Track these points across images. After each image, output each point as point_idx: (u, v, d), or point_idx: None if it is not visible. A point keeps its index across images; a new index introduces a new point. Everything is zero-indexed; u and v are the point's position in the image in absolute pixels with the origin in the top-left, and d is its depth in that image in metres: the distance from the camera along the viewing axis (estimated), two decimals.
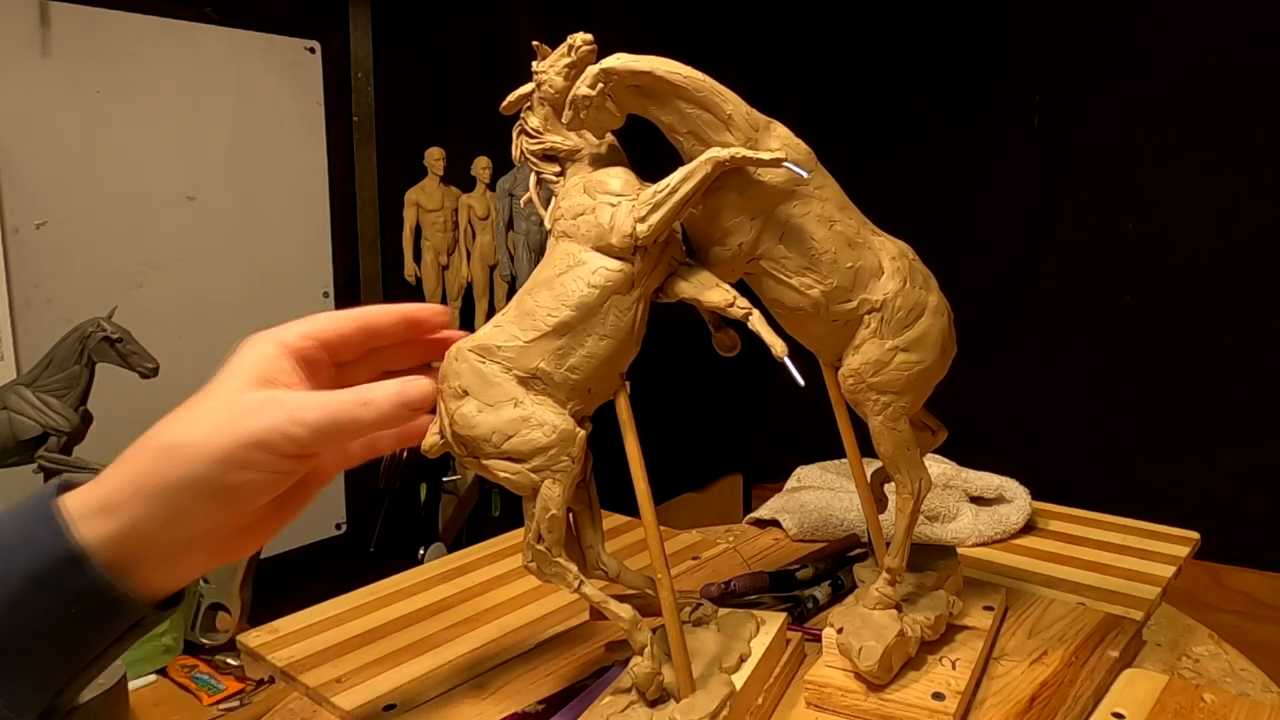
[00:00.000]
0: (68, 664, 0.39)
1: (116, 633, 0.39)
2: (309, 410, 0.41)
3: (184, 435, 0.40)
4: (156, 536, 0.39)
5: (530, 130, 0.52)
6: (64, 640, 0.38)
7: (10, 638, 0.36)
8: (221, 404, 0.41)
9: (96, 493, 0.39)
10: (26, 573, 0.36)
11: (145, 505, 0.39)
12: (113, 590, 0.38)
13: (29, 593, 0.36)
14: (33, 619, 0.37)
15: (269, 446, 0.40)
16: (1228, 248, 1.55)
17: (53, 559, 0.37)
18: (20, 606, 0.36)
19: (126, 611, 0.39)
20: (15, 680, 0.37)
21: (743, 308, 0.49)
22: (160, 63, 1.18)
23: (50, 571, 0.37)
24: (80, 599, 0.37)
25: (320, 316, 0.47)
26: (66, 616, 0.37)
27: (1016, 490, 0.90)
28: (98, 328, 0.95)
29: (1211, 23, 1.53)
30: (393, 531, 1.40)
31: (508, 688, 0.61)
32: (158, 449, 0.40)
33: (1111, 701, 0.56)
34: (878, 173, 1.58)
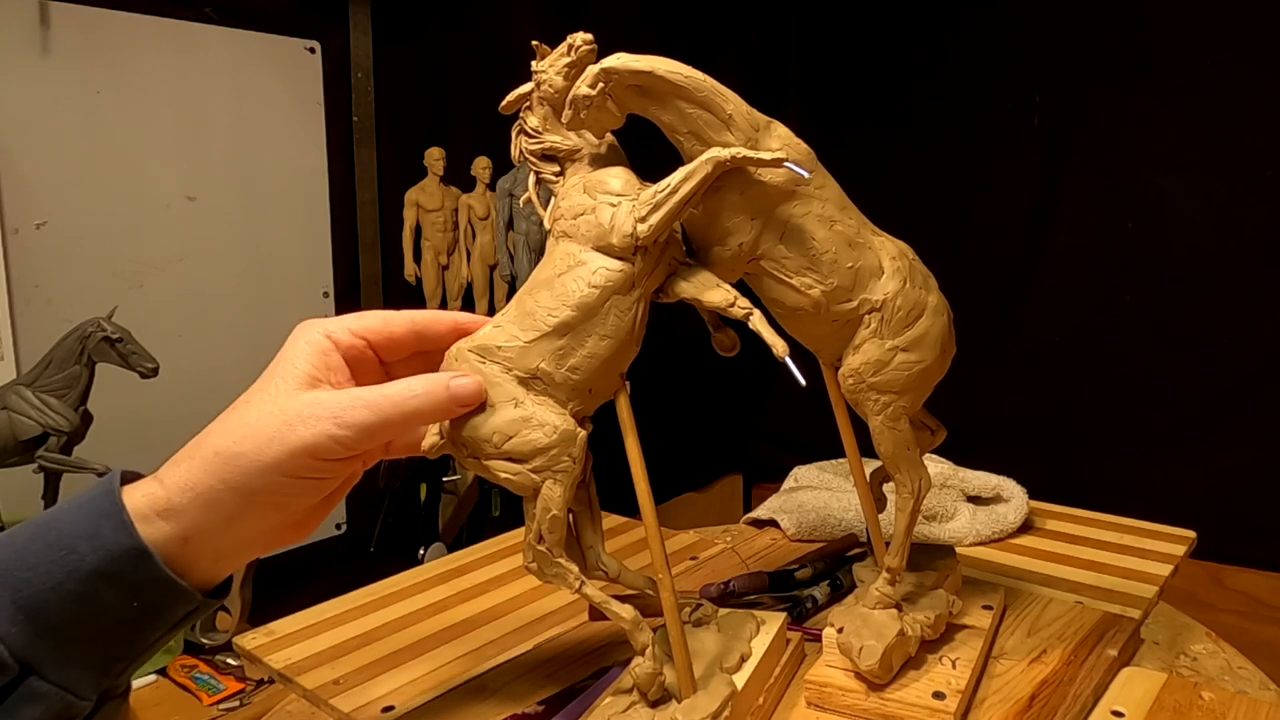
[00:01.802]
0: (126, 652, 0.40)
1: (173, 621, 0.41)
2: (356, 412, 0.42)
3: (239, 446, 0.41)
4: (213, 539, 0.41)
5: (529, 130, 0.52)
6: (125, 630, 0.39)
7: (75, 628, 0.38)
8: (274, 410, 0.42)
9: (159, 494, 0.40)
10: (93, 567, 0.38)
11: (204, 511, 0.40)
12: (174, 585, 0.39)
13: (95, 586, 0.38)
14: (97, 611, 0.38)
15: (320, 453, 0.41)
16: (1228, 248, 1.55)
17: (119, 555, 0.38)
18: (86, 599, 0.38)
19: (184, 603, 0.40)
20: (79, 666, 0.38)
21: (743, 308, 0.49)
22: (160, 63, 1.18)
23: (116, 567, 0.38)
24: (143, 593, 0.39)
25: (374, 316, 0.48)
26: (129, 609, 0.39)
27: (1014, 490, 0.90)
28: (98, 328, 0.95)
29: (1212, 23, 1.53)
30: (393, 531, 1.41)
31: (507, 688, 0.61)
32: (214, 457, 0.41)
33: (1111, 700, 0.56)
34: (878, 173, 1.58)
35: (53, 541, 0.38)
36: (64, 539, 0.38)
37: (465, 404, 0.46)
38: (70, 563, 0.38)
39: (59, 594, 0.37)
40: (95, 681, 0.39)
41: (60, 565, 0.37)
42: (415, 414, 0.44)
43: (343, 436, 0.41)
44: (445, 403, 0.45)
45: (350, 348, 0.47)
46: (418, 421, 0.45)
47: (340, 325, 0.47)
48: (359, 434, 0.42)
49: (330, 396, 0.43)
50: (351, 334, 0.47)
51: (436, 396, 0.44)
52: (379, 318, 0.48)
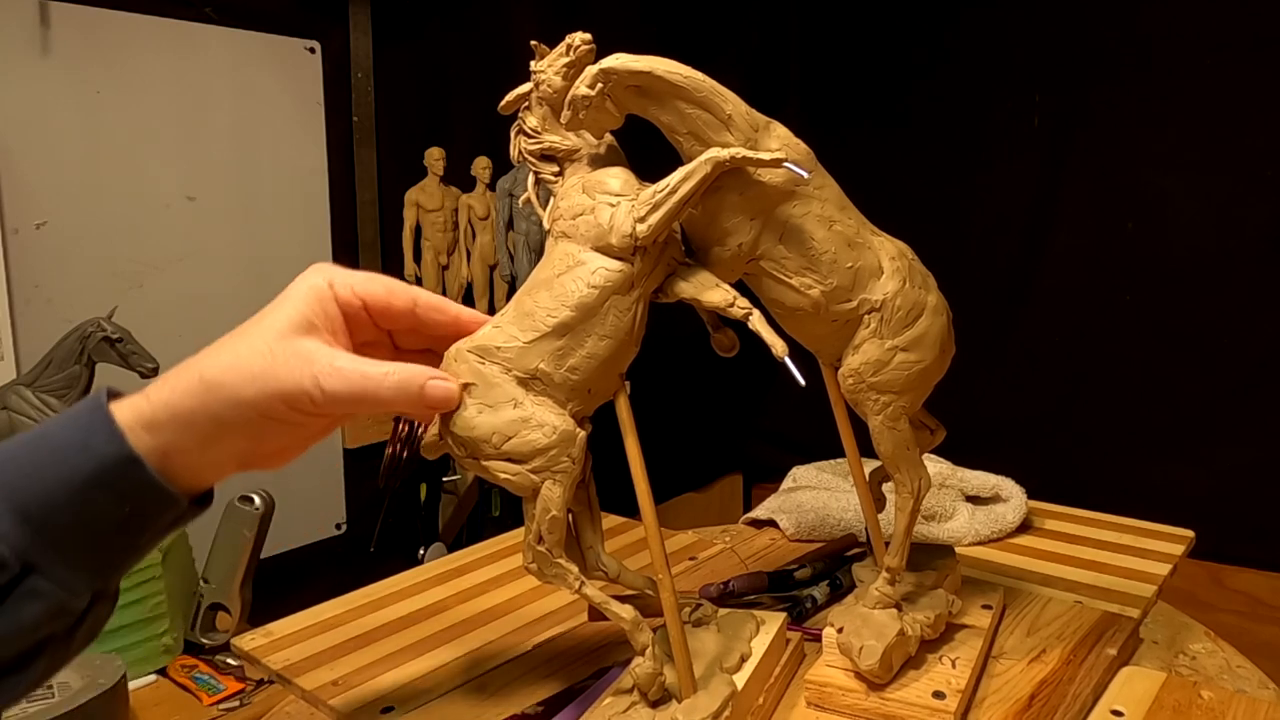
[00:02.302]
0: (118, 554, 0.43)
1: (161, 526, 0.43)
2: (334, 379, 0.44)
3: (223, 376, 0.43)
4: (188, 457, 0.43)
5: (528, 130, 0.52)
6: (117, 533, 0.41)
7: (71, 531, 0.40)
8: (263, 347, 0.44)
9: (144, 408, 0.42)
10: (86, 475, 0.40)
11: (181, 431, 0.42)
12: (163, 490, 0.42)
13: (89, 492, 0.40)
14: (91, 515, 0.40)
15: (293, 403, 0.43)
16: (1228, 248, 1.55)
17: (112, 462, 0.40)
18: (80, 504, 0.40)
19: (172, 508, 0.43)
20: (72, 567, 0.40)
21: (743, 308, 0.49)
22: (160, 63, 1.18)
23: (109, 473, 0.40)
24: (134, 498, 0.41)
25: (381, 282, 0.49)
26: (121, 513, 0.41)
27: (1012, 489, 0.90)
28: (98, 328, 0.95)
29: (1212, 23, 1.53)
30: (393, 531, 1.41)
31: (507, 689, 0.60)
32: (198, 382, 0.43)
33: (1110, 699, 0.56)
34: (878, 173, 1.58)
35: (46, 452, 0.40)
36: (57, 450, 0.40)
37: (435, 408, 0.47)
38: (64, 471, 0.40)
39: (54, 500, 0.39)
40: (89, 581, 0.41)
41: (55, 473, 0.40)
42: (384, 403, 0.45)
43: (316, 396, 0.43)
44: (414, 400, 0.46)
45: (347, 304, 0.48)
46: (386, 409, 0.46)
47: (346, 280, 0.48)
48: (329, 400, 0.44)
49: (318, 352, 0.44)
50: (353, 291, 0.48)
51: (408, 392, 0.45)
52: (385, 286, 0.49)
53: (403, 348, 0.53)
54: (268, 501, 0.97)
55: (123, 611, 0.92)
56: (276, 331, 0.44)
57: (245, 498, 0.97)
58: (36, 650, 0.40)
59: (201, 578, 0.99)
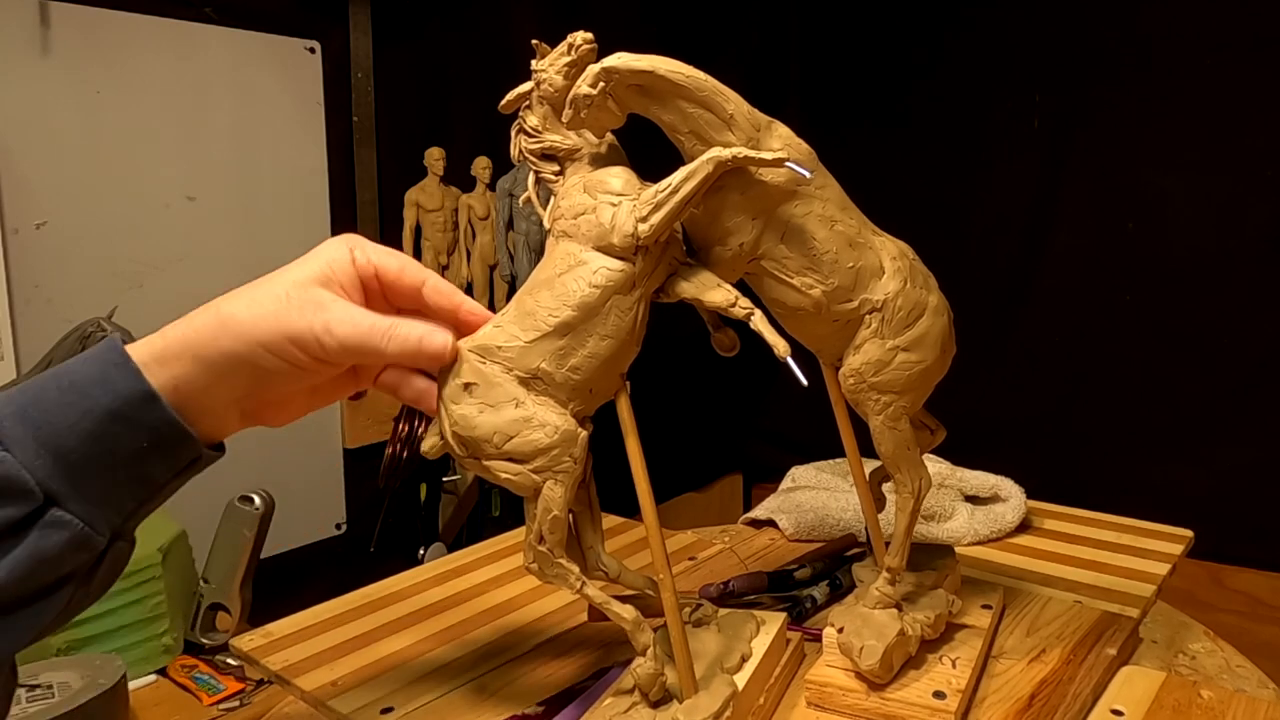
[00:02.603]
0: (136, 492, 0.43)
1: (177, 468, 0.44)
2: (343, 326, 0.46)
3: (239, 312, 0.45)
4: (199, 390, 0.44)
5: (529, 129, 0.52)
6: (136, 469, 0.43)
7: (92, 464, 0.41)
8: (281, 291, 0.46)
9: (158, 344, 0.44)
10: (106, 408, 0.41)
11: (193, 364, 0.44)
12: (179, 426, 0.43)
13: (108, 426, 0.41)
14: (111, 449, 0.41)
15: (301, 345, 0.45)
16: (1228, 248, 1.55)
17: (129, 397, 0.42)
18: (100, 438, 0.41)
19: (188, 447, 0.44)
20: (95, 503, 0.42)
21: (744, 308, 0.49)
22: (160, 63, 1.18)
23: (128, 407, 0.42)
24: (152, 433, 0.42)
25: (397, 258, 0.51)
26: (139, 448, 0.42)
27: (1011, 489, 0.90)
28: (98, 328, 0.95)
29: (1212, 23, 1.53)
30: (393, 531, 1.41)
31: (507, 689, 0.61)
32: (215, 316, 0.45)
33: (1110, 698, 0.56)
34: (878, 173, 1.58)
35: (66, 388, 0.41)
36: (77, 385, 0.41)
37: (432, 357, 0.48)
38: (85, 405, 0.41)
39: (76, 433, 0.41)
40: (109, 519, 0.42)
41: (76, 408, 0.41)
42: (387, 353, 0.47)
43: (324, 340, 0.45)
44: (413, 353, 0.48)
45: (363, 270, 0.49)
46: (388, 359, 0.48)
47: (366, 251, 0.50)
48: (336, 345, 0.45)
49: (332, 301, 0.47)
50: (369, 260, 0.50)
51: (407, 345, 0.47)
52: (399, 261, 0.51)
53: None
54: (268, 501, 0.97)
55: (123, 611, 0.92)
56: (295, 280, 0.47)
57: (245, 498, 0.97)
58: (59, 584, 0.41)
59: (201, 578, 0.99)
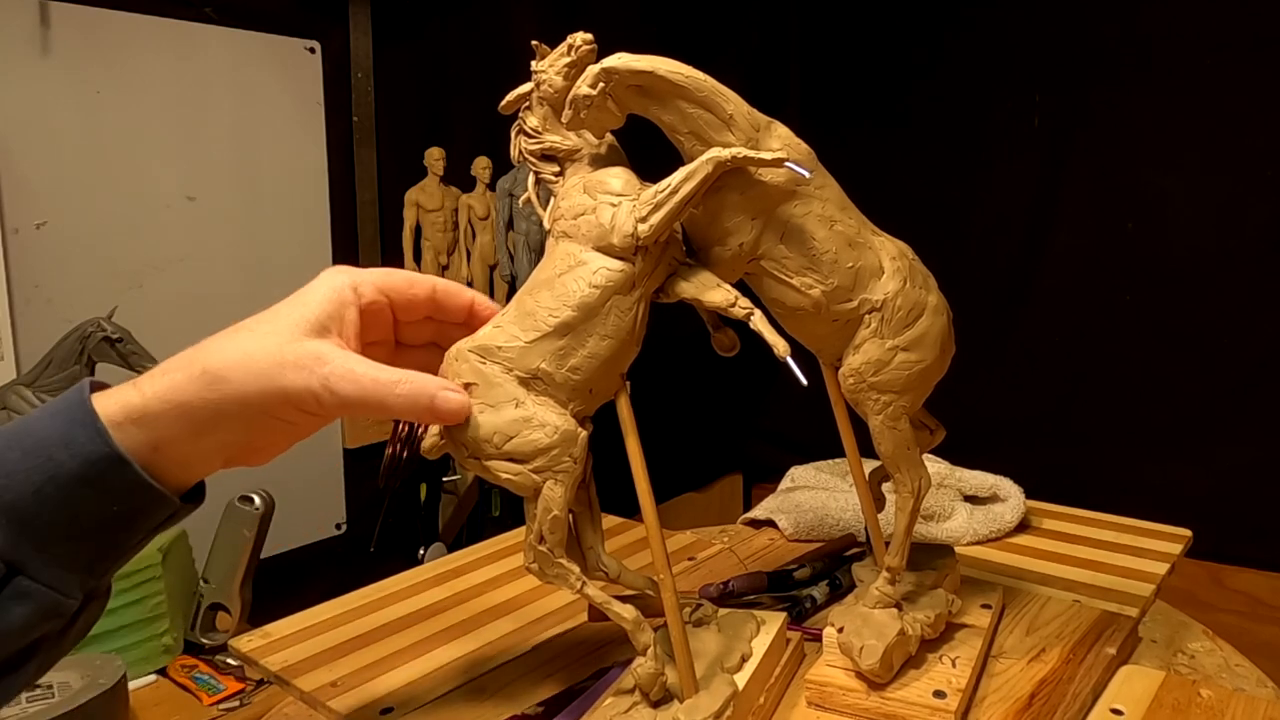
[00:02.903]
0: (108, 553, 0.42)
1: (152, 525, 0.42)
2: (344, 383, 0.43)
3: (229, 371, 0.42)
4: (181, 448, 0.42)
5: (529, 130, 0.52)
6: (106, 532, 0.41)
7: (58, 530, 0.39)
8: (273, 348, 0.43)
9: (134, 401, 0.41)
10: (72, 473, 0.39)
11: (177, 423, 0.41)
12: (152, 489, 0.41)
13: (75, 491, 0.39)
14: (78, 514, 0.39)
15: (299, 404, 0.43)
16: (1228, 248, 1.55)
17: (96, 462, 0.39)
18: (66, 503, 0.39)
19: (163, 506, 0.42)
20: (64, 566, 0.40)
21: (744, 308, 0.49)
22: (160, 63, 1.18)
23: (95, 473, 0.39)
24: (123, 497, 0.40)
25: (401, 275, 0.49)
26: (109, 512, 0.40)
27: (1010, 489, 0.90)
28: (98, 328, 0.95)
29: (1212, 23, 1.53)
30: (393, 531, 1.41)
31: (506, 689, 0.60)
32: (201, 375, 0.42)
33: (1110, 698, 0.56)
34: (878, 173, 1.58)
35: (29, 449, 0.39)
36: (40, 446, 0.39)
37: (444, 420, 0.46)
38: (49, 469, 0.39)
39: (40, 498, 0.38)
40: (81, 581, 0.40)
41: (39, 471, 0.38)
42: (394, 411, 0.45)
43: (324, 399, 0.43)
44: (424, 412, 0.45)
45: (373, 303, 0.48)
46: (394, 415, 0.46)
47: (368, 280, 0.47)
48: (339, 404, 0.43)
49: (329, 353, 0.43)
50: (376, 289, 0.48)
51: (418, 404, 0.45)
52: (405, 278, 0.49)
53: (407, 342, 0.53)
54: (268, 501, 0.97)
55: (123, 611, 0.92)
56: (289, 331, 0.44)
57: (245, 498, 0.97)
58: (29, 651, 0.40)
59: (201, 578, 0.99)
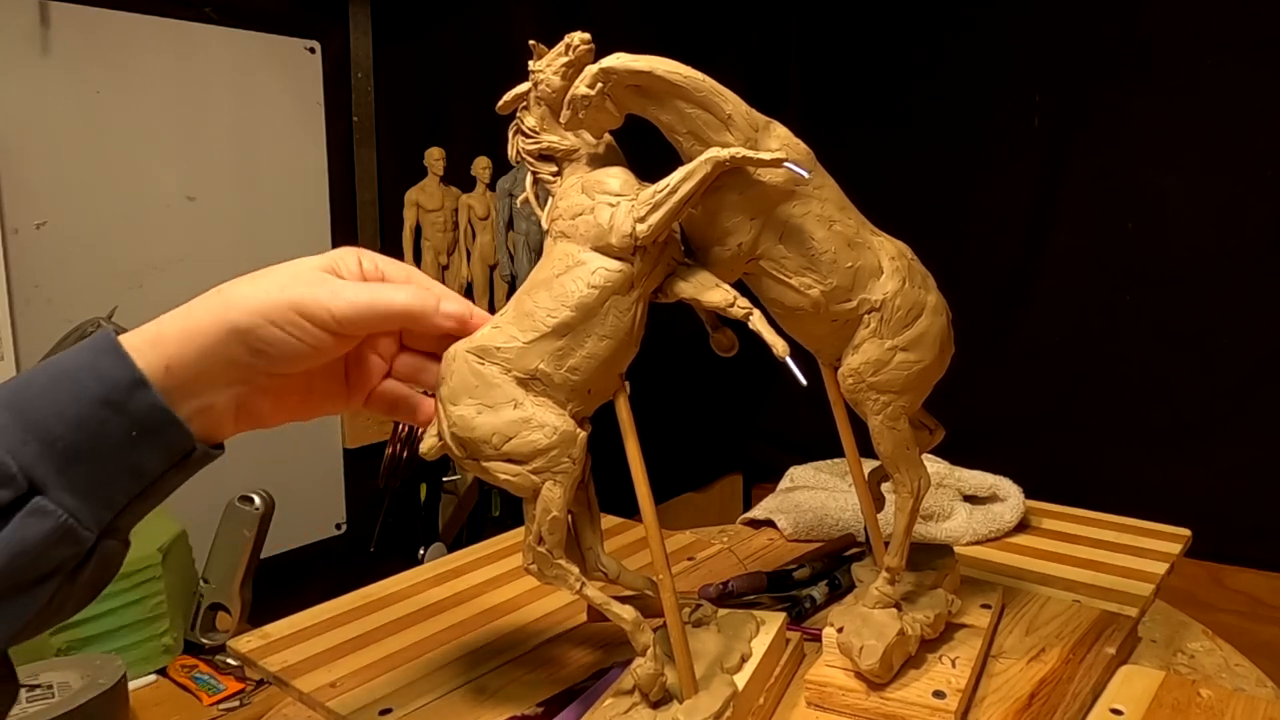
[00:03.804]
0: (127, 485, 0.42)
1: (170, 460, 0.43)
2: (352, 290, 0.46)
3: (242, 288, 0.44)
4: (192, 372, 0.43)
5: (526, 130, 0.52)
6: (125, 460, 0.41)
7: (78, 454, 0.40)
8: (286, 271, 0.46)
9: (151, 329, 0.43)
10: (94, 394, 0.40)
11: (188, 342, 0.43)
12: (169, 415, 0.42)
13: (95, 412, 0.40)
14: (99, 437, 0.40)
15: (308, 313, 0.44)
16: (1228, 248, 1.55)
17: (117, 383, 0.41)
18: (87, 425, 0.40)
19: (180, 437, 0.43)
20: (83, 495, 0.40)
21: (743, 308, 0.49)
22: (160, 63, 1.18)
23: (115, 394, 0.40)
24: (142, 420, 0.41)
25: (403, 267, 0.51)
26: (129, 437, 0.41)
27: (1010, 489, 0.90)
28: (98, 328, 0.95)
29: (1212, 23, 1.53)
30: (393, 531, 1.41)
31: (506, 690, 0.61)
32: (216, 294, 0.44)
33: (1110, 698, 0.56)
34: (878, 173, 1.58)
35: (56, 375, 0.41)
36: (66, 372, 0.41)
37: (450, 319, 0.49)
38: (73, 390, 0.40)
39: (63, 419, 0.39)
40: (97, 514, 0.41)
41: (63, 394, 0.40)
42: (403, 310, 0.47)
43: (332, 305, 0.45)
44: (432, 310, 0.48)
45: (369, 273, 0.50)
46: (403, 320, 0.48)
47: (372, 255, 0.50)
48: (347, 307, 0.45)
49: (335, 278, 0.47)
50: (376, 266, 0.50)
51: (426, 302, 0.47)
52: (405, 270, 0.51)
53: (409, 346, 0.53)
54: (268, 501, 0.97)
55: (123, 611, 0.92)
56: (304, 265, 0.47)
57: (245, 498, 0.97)
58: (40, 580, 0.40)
59: (201, 578, 0.99)
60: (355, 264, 0.49)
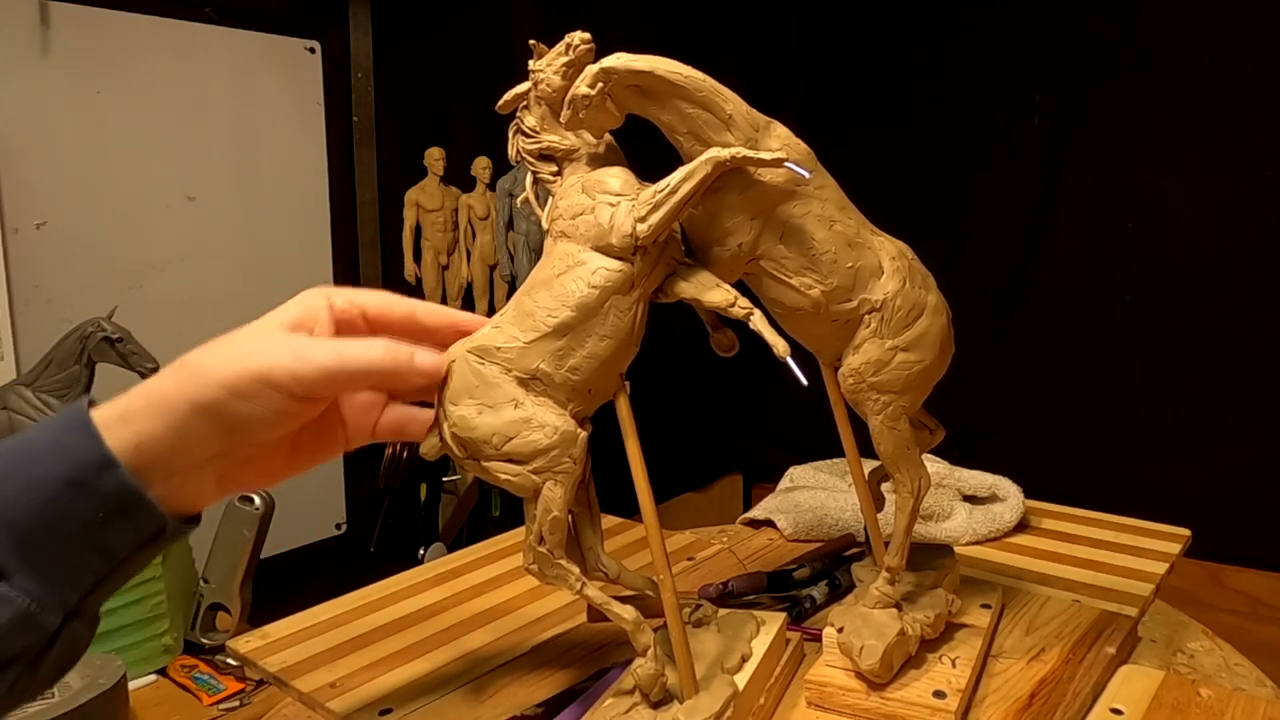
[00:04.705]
0: (94, 567, 0.40)
1: (141, 540, 0.41)
2: (317, 352, 0.43)
3: (204, 359, 0.42)
4: (164, 449, 0.41)
5: (526, 129, 0.52)
6: (92, 542, 0.40)
7: (42, 537, 0.38)
8: (247, 337, 0.44)
9: (120, 404, 0.41)
10: (60, 474, 0.39)
11: (157, 418, 0.41)
12: (139, 495, 0.40)
13: (62, 493, 0.39)
14: (66, 519, 0.39)
15: (273, 382, 0.42)
16: (1228, 248, 1.55)
17: (84, 462, 0.39)
18: (53, 507, 0.38)
19: (150, 517, 0.41)
20: (46, 579, 0.39)
21: (744, 308, 0.49)
22: (160, 63, 1.18)
23: (82, 474, 0.39)
24: (110, 500, 0.39)
25: (377, 293, 0.50)
26: (96, 518, 0.39)
27: (1009, 489, 0.90)
28: (98, 328, 0.95)
29: (1212, 23, 1.53)
30: (393, 531, 1.41)
31: (506, 690, 0.61)
32: (178, 368, 0.42)
33: (1110, 697, 0.56)
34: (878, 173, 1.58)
35: (23, 454, 0.39)
36: (33, 451, 0.39)
37: (425, 374, 0.46)
38: (39, 471, 0.39)
39: (27, 500, 0.38)
40: (62, 598, 0.39)
41: (29, 473, 0.39)
42: (373, 369, 0.44)
43: (298, 370, 0.42)
44: (405, 366, 0.45)
45: (343, 312, 0.48)
46: (373, 380, 0.46)
47: (341, 291, 0.48)
48: (314, 371, 0.42)
49: (300, 337, 0.44)
50: (349, 301, 0.48)
51: (399, 359, 0.45)
52: (381, 297, 0.50)
53: None
54: (268, 501, 0.97)
55: (123, 611, 0.92)
56: (266, 328, 0.45)
57: (245, 497, 0.97)
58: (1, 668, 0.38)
59: (201, 578, 0.99)
60: (326, 309, 0.47)
